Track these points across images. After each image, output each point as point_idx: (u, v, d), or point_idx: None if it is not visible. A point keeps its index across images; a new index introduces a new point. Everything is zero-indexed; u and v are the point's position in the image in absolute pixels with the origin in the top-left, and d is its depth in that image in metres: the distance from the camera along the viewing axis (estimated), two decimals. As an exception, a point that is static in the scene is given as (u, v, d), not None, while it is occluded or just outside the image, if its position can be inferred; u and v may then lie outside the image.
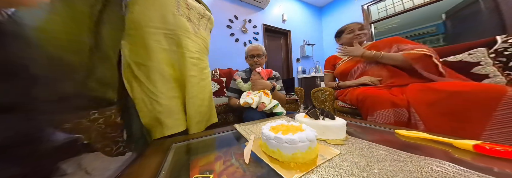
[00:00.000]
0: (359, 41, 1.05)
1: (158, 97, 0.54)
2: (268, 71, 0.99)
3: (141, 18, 0.52)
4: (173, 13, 0.56)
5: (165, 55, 0.56)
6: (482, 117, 0.50)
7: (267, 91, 0.86)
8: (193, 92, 0.63)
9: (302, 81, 3.06)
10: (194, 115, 0.63)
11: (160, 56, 0.55)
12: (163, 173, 0.29)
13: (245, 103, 0.77)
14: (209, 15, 0.75)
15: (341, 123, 0.40)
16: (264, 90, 0.85)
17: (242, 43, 2.56)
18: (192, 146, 0.45)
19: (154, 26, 0.53)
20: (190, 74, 0.62)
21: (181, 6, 0.59)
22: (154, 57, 0.54)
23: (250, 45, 1.07)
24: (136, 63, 0.52)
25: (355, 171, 0.25)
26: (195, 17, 0.66)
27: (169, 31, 0.56)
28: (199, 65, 0.68)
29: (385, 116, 0.67)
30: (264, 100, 0.77)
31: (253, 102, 0.76)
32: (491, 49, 0.81)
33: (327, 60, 1.27)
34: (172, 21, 0.56)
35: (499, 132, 0.48)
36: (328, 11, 3.55)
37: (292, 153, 0.28)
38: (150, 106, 0.53)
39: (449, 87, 0.58)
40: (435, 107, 0.58)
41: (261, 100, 0.77)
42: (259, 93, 0.82)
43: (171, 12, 0.56)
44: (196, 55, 0.65)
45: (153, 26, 0.53)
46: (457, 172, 0.23)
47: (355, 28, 1.05)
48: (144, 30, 0.52)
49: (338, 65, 1.16)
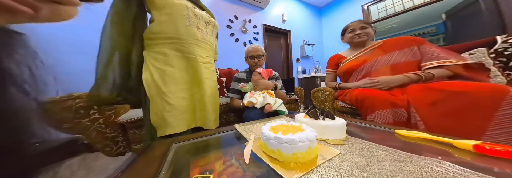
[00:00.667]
0: (359, 41, 1.03)
1: (168, 97, 0.59)
2: (268, 71, 0.99)
3: (159, 30, 0.61)
4: (184, 25, 0.65)
5: (180, 61, 0.65)
6: (484, 117, 0.50)
7: (271, 91, 0.86)
8: (209, 92, 0.71)
9: (302, 81, 3.06)
10: (211, 113, 0.70)
11: (175, 62, 0.63)
12: (163, 173, 0.29)
13: (249, 102, 0.78)
14: (214, 22, 0.82)
15: (341, 123, 0.40)
16: (268, 90, 0.85)
17: (242, 43, 2.56)
18: (192, 146, 0.45)
19: (169, 37, 0.62)
20: (205, 77, 0.70)
21: (191, 17, 0.66)
22: (170, 63, 0.62)
23: (250, 46, 1.06)
24: (154, 67, 0.60)
25: (355, 171, 0.25)
26: (202, 26, 0.73)
27: (182, 40, 0.64)
28: (210, 69, 0.77)
29: (383, 116, 0.67)
30: (269, 100, 0.77)
31: (257, 101, 0.77)
32: (491, 49, 0.81)
33: (331, 59, 1.23)
34: (184, 32, 0.64)
35: (501, 132, 0.48)
36: (328, 11, 3.54)
37: (292, 153, 0.28)
38: (160, 106, 0.59)
39: (450, 87, 0.58)
40: (436, 107, 0.58)
41: (265, 100, 0.77)
42: (263, 93, 0.82)
43: (183, 24, 0.64)
44: (206, 60, 0.75)
45: (168, 37, 0.62)
46: (457, 172, 0.23)
47: (356, 27, 1.03)
48: (162, 41, 0.61)
49: (342, 64, 1.12)
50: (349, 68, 1.04)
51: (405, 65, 0.86)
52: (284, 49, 3.24)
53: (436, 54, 0.79)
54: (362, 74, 0.99)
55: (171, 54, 0.62)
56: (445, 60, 0.75)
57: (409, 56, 0.87)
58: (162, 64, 0.60)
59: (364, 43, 1.04)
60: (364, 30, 1.01)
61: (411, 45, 0.87)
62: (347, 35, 1.08)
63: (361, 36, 1.02)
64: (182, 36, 0.63)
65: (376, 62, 0.95)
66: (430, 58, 0.80)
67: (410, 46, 0.87)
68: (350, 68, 1.04)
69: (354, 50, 1.10)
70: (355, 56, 1.06)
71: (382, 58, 0.94)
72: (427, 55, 0.82)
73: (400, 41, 0.93)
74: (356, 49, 1.08)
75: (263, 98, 0.78)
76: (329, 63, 1.23)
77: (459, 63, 0.73)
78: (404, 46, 0.89)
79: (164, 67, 0.60)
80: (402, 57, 0.88)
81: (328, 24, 3.54)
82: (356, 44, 1.07)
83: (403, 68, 0.85)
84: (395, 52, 0.91)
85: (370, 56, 0.98)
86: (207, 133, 0.53)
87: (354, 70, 1.03)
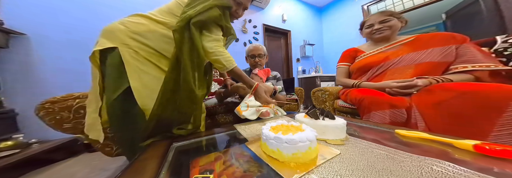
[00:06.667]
0: (379, 37, 0.91)
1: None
2: (265, 70, 0.97)
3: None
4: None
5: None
6: (491, 117, 0.49)
7: (271, 105, 0.72)
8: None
9: (302, 81, 3.06)
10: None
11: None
12: (163, 173, 0.29)
13: (244, 116, 0.66)
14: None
15: (341, 123, 0.40)
16: (269, 105, 0.71)
17: (242, 43, 2.56)
18: (192, 146, 0.45)
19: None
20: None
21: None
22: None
23: (251, 45, 1.03)
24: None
25: (355, 171, 0.25)
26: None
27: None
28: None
29: (379, 117, 0.67)
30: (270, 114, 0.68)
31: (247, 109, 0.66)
32: (491, 49, 0.80)
33: (346, 52, 1.08)
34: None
35: (508, 133, 0.47)
36: (328, 11, 3.54)
37: (292, 153, 0.28)
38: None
39: (459, 87, 0.57)
40: (441, 107, 0.57)
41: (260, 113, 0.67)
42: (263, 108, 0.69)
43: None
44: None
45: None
46: (457, 172, 0.23)
47: (375, 22, 0.91)
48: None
49: (359, 58, 0.99)
50: (368, 64, 0.91)
51: (431, 66, 0.75)
52: (284, 49, 3.24)
53: (476, 56, 0.69)
54: (379, 72, 0.88)
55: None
56: (481, 64, 0.67)
57: (440, 56, 0.74)
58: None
59: (387, 37, 0.91)
60: (386, 24, 0.88)
61: (448, 44, 0.74)
62: (365, 30, 0.97)
63: (382, 31, 0.89)
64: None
65: (400, 60, 0.82)
66: (466, 60, 0.70)
67: (447, 45, 0.74)
68: (368, 64, 0.91)
69: (374, 45, 0.97)
70: (377, 51, 0.92)
71: (407, 57, 0.81)
72: (464, 57, 0.71)
73: (436, 38, 0.79)
74: (378, 44, 0.95)
75: (257, 114, 0.66)
76: (343, 57, 1.09)
77: (497, 68, 0.65)
78: (439, 44, 0.76)
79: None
80: (431, 57, 0.76)
81: (328, 24, 3.54)
82: (376, 40, 0.95)
83: (426, 69, 0.75)
84: (425, 51, 0.78)
85: (394, 53, 0.86)
86: (207, 133, 0.53)
87: (372, 66, 0.90)
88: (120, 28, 0.57)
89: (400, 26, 0.89)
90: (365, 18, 0.99)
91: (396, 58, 0.84)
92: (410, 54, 0.81)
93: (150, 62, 0.58)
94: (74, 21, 1.40)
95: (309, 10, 3.53)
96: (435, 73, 0.74)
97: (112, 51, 0.55)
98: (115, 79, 0.55)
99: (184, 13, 0.59)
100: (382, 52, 0.91)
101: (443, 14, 2.02)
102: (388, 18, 0.88)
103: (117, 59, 0.54)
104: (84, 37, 1.39)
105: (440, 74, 0.75)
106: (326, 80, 2.82)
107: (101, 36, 0.58)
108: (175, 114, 0.57)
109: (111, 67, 0.56)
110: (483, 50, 0.73)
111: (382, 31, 0.89)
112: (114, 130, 0.59)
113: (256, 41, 2.71)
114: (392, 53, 0.87)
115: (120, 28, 0.57)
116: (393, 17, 0.88)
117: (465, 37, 0.74)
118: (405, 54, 0.82)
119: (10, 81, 1.15)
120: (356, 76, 1.00)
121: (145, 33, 0.58)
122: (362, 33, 1.04)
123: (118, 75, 0.54)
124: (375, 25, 0.91)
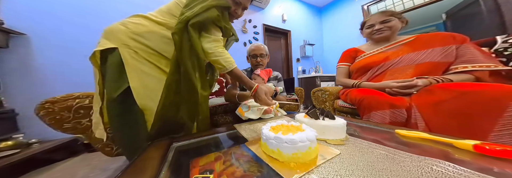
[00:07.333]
0: (379, 37, 0.91)
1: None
2: (267, 71, 0.97)
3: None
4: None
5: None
6: (491, 117, 0.49)
7: (272, 107, 0.74)
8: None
9: (302, 81, 3.06)
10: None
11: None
12: (163, 173, 0.29)
13: (246, 117, 0.69)
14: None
15: (341, 123, 0.40)
16: (270, 107, 0.73)
17: (242, 43, 2.56)
18: (192, 146, 0.45)
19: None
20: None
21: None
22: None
23: (252, 44, 1.02)
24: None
25: (355, 171, 0.25)
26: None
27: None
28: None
29: (379, 117, 0.67)
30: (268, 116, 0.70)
31: (249, 109, 0.69)
32: (491, 49, 0.81)
33: (346, 52, 1.09)
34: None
35: (508, 133, 0.47)
36: (328, 11, 3.54)
37: (292, 153, 0.28)
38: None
39: (459, 87, 0.57)
40: (441, 107, 0.57)
41: (262, 113, 0.69)
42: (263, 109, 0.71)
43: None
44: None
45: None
46: (457, 172, 0.23)
47: (375, 22, 0.91)
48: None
49: (359, 58, 0.99)
50: (368, 64, 0.92)
51: (431, 66, 0.76)
52: (284, 49, 3.24)
53: (476, 56, 0.69)
54: (379, 72, 0.88)
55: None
56: (481, 64, 0.67)
57: (441, 56, 0.75)
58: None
59: (387, 38, 0.91)
60: (387, 24, 0.88)
61: (448, 44, 0.75)
62: (366, 30, 0.97)
63: (382, 31, 0.89)
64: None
65: (400, 60, 0.83)
66: (466, 60, 0.70)
67: (447, 44, 0.75)
68: (368, 64, 0.91)
69: (375, 45, 0.98)
70: (377, 51, 0.93)
71: (407, 57, 0.82)
72: (464, 57, 0.71)
73: (436, 38, 0.79)
74: (378, 45, 0.96)
75: (259, 113, 0.69)
76: (343, 57, 1.09)
77: (497, 68, 0.65)
78: (439, 44, 0.76)
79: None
80: (431, 57, 0.76)
81: (328, 24, 3.54)
82: (376, 40, 0.96)
83: (427, 69, 0.76)
84: (425, 51, 0.78)
85: (394, 54, 0.86)
86: (207, 133, 0.53)
87: (372, 66, 0.90)
88: (121, 29, 0.57)
89: (400, 26, 0.90)
90: (365, 18, 0.99)
91: (396, 58, 0.84)
92: (410, 54, 0.81)
93: (150, 62, 0.58)
94: (74, 21, 1.40)
95: (309, 10, 3.53)
96: (435, 73, 0.74)
97: (112, 51, 0.55)
98: (115, 80, 0.55)
99: (182, 15, 0.59)
100: (382, 52, 0.91)
101: (443, 14, 2.02)
102: (389, 18, 0.88)
103: (117, 60, 0.54)
104: (84, 37, 1.40)
105: (440, 74, 0.75)
106: (326, 80, 2.82)
107: (102, 37, 0.58)
108: (180, 116, 0.57)
109: (111, 68, 0.56)
110: (483, 50, 0.73)
111: (383, 32, 0.90)
112: (114, 129, 0.59)
113: (256, 41, 2.70)
114: (392, 53, 0.87)
115: (120, 29, 0.57)
116: (394, 17, 0.88)
117: (465, 37, 0.75)
118: (405, 54, 0.83)
119: (10, 81, 1.15)
120: (356, 77, 1.00)
121: (145, 34, 0.58)
122: (363, 33, 1.04)
123: (118, 75, 0.54)
124: (376, 26, 0.92)
